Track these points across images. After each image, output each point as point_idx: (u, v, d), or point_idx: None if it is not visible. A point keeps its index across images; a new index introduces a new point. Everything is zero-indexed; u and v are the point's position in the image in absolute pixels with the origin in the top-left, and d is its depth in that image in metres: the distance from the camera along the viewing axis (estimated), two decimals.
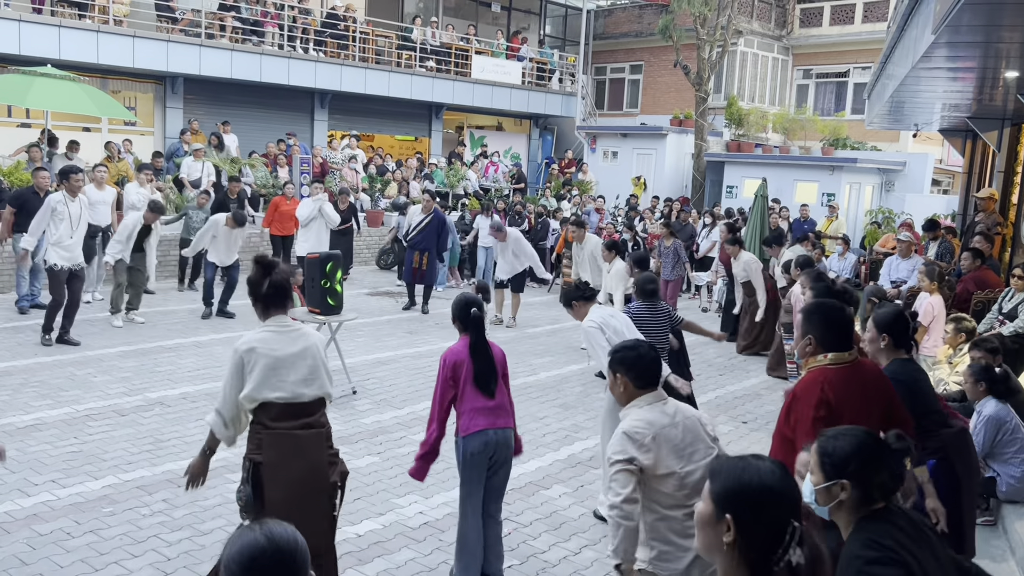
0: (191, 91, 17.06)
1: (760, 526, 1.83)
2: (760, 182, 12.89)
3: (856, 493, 2.29)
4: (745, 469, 1.90)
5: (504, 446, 4.32)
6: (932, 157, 21.11)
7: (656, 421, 3.10)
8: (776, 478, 1.87)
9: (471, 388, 4.27)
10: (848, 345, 3.53)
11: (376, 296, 13.06)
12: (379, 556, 4.72)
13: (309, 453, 3.62)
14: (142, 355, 8.62)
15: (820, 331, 3.51)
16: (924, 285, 8.07)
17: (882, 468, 2.30)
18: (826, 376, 3.44)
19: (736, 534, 1.84)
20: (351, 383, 7.86)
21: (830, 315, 3.55)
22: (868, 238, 17.04)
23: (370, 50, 19.24)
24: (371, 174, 17.66)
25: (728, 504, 1.86)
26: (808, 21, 25.25)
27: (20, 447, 5.95)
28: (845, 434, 2.37)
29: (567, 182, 21.02)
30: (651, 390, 3.20)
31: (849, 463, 2.29)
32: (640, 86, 26.31)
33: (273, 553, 1.68)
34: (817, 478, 2.37)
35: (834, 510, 2.35)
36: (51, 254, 8.70)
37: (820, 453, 2.37)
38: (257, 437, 3.60)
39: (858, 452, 2.30)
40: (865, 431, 2.38)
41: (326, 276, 7.48)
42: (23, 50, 13.80)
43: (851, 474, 2.29)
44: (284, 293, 3.72)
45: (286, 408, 3.60)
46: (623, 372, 3.20)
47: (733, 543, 1.85)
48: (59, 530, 4.78)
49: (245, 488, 3.57)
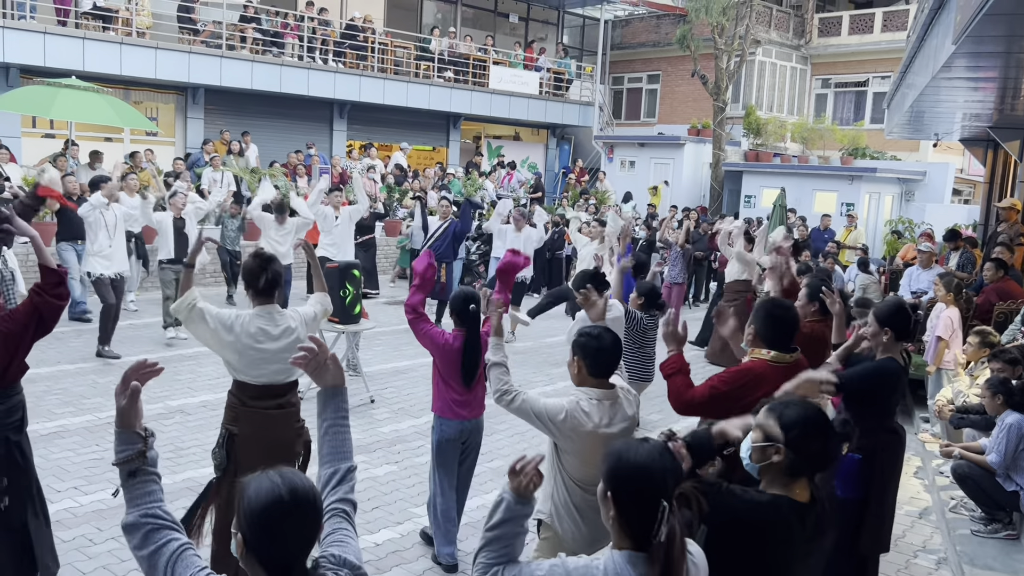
0: (212, 102, 17.25)
1: (635, 504, 2.00)
2: (779, 192, 12.85)
3: (788, 459, 2.37)
4: (627, 450, 2.08)
5: (475, 432, 4.72)
6: (953, 167, 20.96)
7: (595, 419, 3.22)
8: (653, 459, 2.04)
9: (454, 377, 4.55)
10: (788, 346, 3.58)
11: (394, 305, 13.10)
12: (397, 565, 4.74)
13: (279, 430, 4.01)
14: (163, 363, 8.67)
15: (761, 325, 3.60)
16: (940, 296, 8.00)
17: (819, 442, 2.39)
18: (763, 370, 3.50)
19: (615, 510, 2.02)
20: (369, 392, 7.89)
21: (774, 311, 3.63)
22: (888, 248, 16.92)
23: (388, 61, 19.38)
24: (389, 184, 17.76)
25: (611, 482, 2.05)
26: (827, 30, 25.19)
27: (43, 454, 6.01)
28: (796, 404, 2.48)
29: (584, 191, 21.03)
30: (603, 380, 3.31)
31: (791, 429, 2.38)
32: (657, 96, 26.33)
33: (292, 502, 1.79)
34: (757, 436, 2.46)
35: (763, 469, 2.45)
36: (93, 264, 8.81)
37: (767, 412, 2.47)
38: (234, 411, 4.00)
39: (803, 422, 2.39)
40: (816, 407, 2.48)
41: (345, 285, 7.53)
42: (48, 62, 14.02)
43: (790, 440, 2.37)
44: (275, 284, 4.01)
45: (263, 389, 3.97)
46: (581, 356, 3.31)
47: (615, 518, 2.03)
48: (81, 536, 4.83)
49: (220, 452, 4.00)
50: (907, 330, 4.09)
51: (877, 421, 4.01)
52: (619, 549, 2.03)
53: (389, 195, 17.30)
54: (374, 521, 5.27)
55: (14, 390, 3.95)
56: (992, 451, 5.38)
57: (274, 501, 1.78)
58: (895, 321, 4.03)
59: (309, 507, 1.82)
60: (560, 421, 3.21)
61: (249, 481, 1.84)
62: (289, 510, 1.78)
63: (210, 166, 14.60)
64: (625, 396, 3.38)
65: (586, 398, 3.26)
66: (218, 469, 4.03)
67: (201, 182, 14.31)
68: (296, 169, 16.15)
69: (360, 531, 5.09)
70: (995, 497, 5.40)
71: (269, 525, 1.77)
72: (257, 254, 4.00)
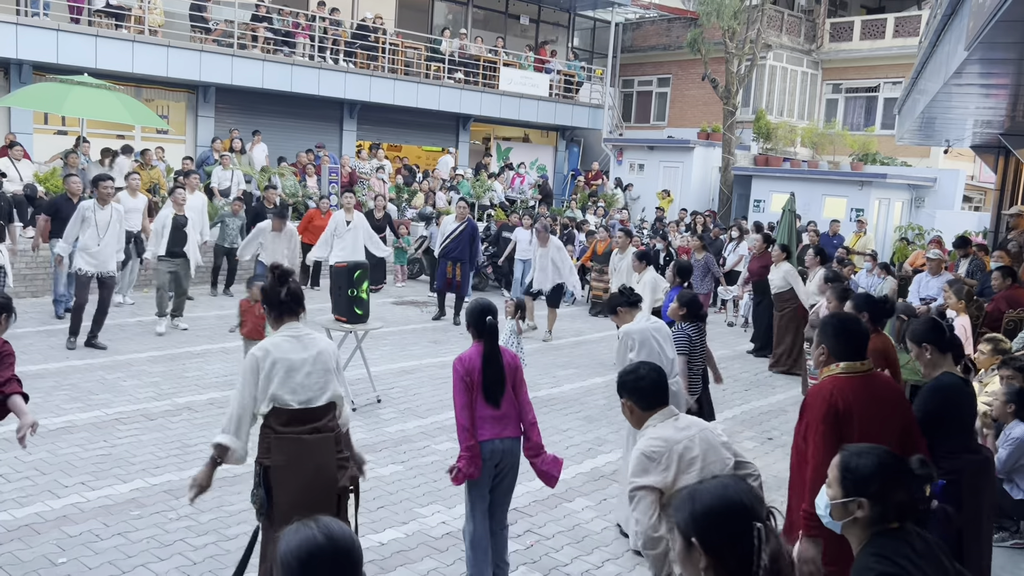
0: (223, 100, 17.30)
1: (726, 540, 1.82)
2: (788, 197, 12.82)
3: (873, 512, 2.28)
4: (695, 492, 1.92)
5: (509, 454, 4.32)
6: (963, 173, 20.88)
7: (671, 438, 3.13)
8: (730, 490, 1.89)
9: (480, 396, 4.29)
10: (861, 355, 3.56)
11: (402, 305, 13.13)
12: (401, 565, 4.74)
13: (317, 456, 3.70)
14: (170, 360, 8.74)
15: (832, 341, 3.59)
16: (951, 303, 7.97)
17: (901, 490, 2.28)
18: (836, 384, 3.48)
19: (708, 558, 1.83)
20: (375, 391, 7.90)
21: (843, 325, 3.63)
22: (897, 255, 16.86)
23: (399, 61, 19.41)
24: (398, 184, 17.80)
25: (691, 529, 1.86)
26: (838, 35, 25.12)
27: (51, 449, 6.05)
28: (868, 452, 2.35)
29: (593, 194, 21.02)
30: (659, 410, 3.24)
31: (870, 483, 2.28)
32: (668, 99, 26.30)
33: (331, 551, 1.71)
34: (835, 492, 2.36)
35: (847, 526, 2.35)
36: (77, 259, 8.86)
37: (841, 468, 2.36)
38: (266, 442, 3.69)
39: (880, 472, 2.29)
40: (887, 451, 2.38)
41: (353, 285, 7.54)
42: (61, 59, 14.09)
43: (871, 493, 2.27)
44: (299, 301, 3.84)
45: (296, 413, 3.67)
46: (627, 396, 3.26)
47: (709, 567, 1.84)
48: (88, 532, 4.85)
49: (259, 492, 3.66)
50: (944, 341, 4.02)
51: (955, 442, 3.91)
52: None
53: (398, 195, 17.34)
54: (379, 521, 5.27)
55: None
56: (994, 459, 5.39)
57: (310, 548, 1.71)
58: (931, 336, 3.99)
59: (346, 552, 1.74)
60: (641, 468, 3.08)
61: (285, 532, 1.77)
62: (328, 555, 1.71)
63: (220, 164, 14.66)
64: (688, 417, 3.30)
65: (650, 428, 3.20)
66: (260, 513, 3.71)
67: (211, 180, 14.38)
68: (305, 168, 16.20)
69: (365, 531, 5.12)
70: (1003, 505, 5.38)
71: (306, 573, 1.70)
72: (274, 268, 3.82)
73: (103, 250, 8.93)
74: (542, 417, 7.66)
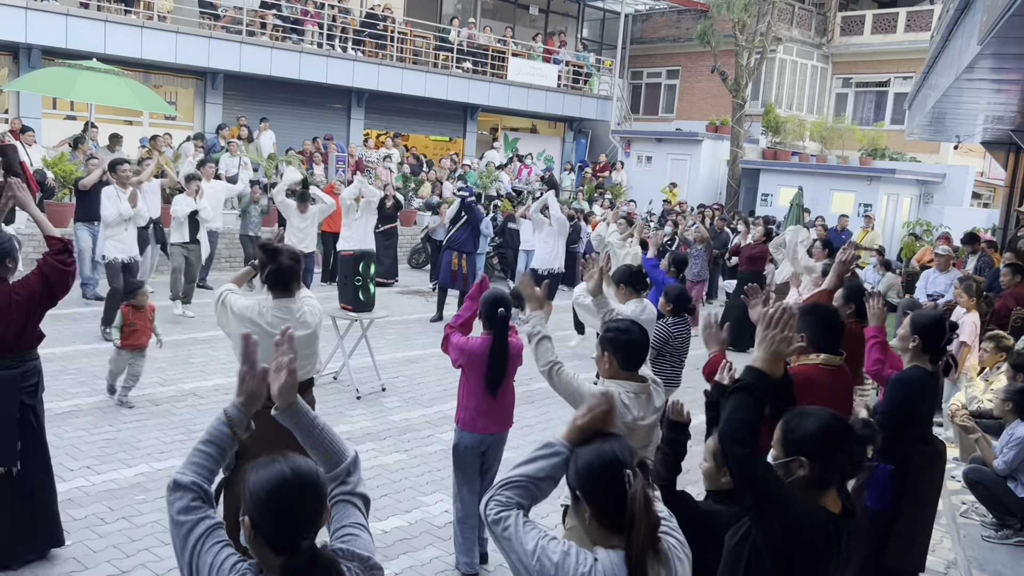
0: (231, 87, 17.30)
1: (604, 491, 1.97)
2: (796, 191, 12.77)
3: (814, 472, 2.30)
4: (578, 454, 2.07)
5: (496, 445, 4.54)
6: (973, 169, 20.77)
7: (633, 412, 3.25)
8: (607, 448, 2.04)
9: (478, 387, 4.36)
10: (837, 349, 3.66)
11: (407, 295, 13.14)
12: (404, 553, 4.75)
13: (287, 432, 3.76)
14: (176, 346, 8.76)
15: (814, 331, 3.65)
16: (962, 301, 7.93)
17: (843, 450, 2.32)
18: (815, 374, 3.57)
19: (591, 508, 2.00)
20: (380, 380, 7.92)
21: (825, 317, 3.72)
22: (905, 250, 16.80)
23: (407, 50, 19.37)
24: (405, 173, 17.78)
25: (576, 485, 2.04)
26: (849, 29, 24.98)
27: (57, 432, 6.07)
28: (811, 414, 2.38)
29: (599, 185, 20.98)
30: (634, 373, 3.32)
31: (810, 441, 2.31)
32: (676, 91, 26.20)
33: (297, 483, 1.83)
34: (777, 452, 2.39)
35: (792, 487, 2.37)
36: (108, 247, 8.86)
37: (784, 429, 2.39)
38: None
39: (821, 431, 2.31)
40: (831, 412, 2.40)
41: (359, 273, 7.55)
42: (69, 44, 14.09)
43: (811, 453, 2.30)
44: (286, 278, 3.86)
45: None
46: (612, 351, 3.31)
47: (594, 516, 2.00)
48: (93, 515, 4.87)
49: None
50: (936, 344, 4.04)
51: (911, 431, 3.95)
52: (612, 548, 1.96)
53: (405, 185, 17.32)
54: (382, 509, 5.29)
55: (30, 355, 4.12)
56: (999, 458, 5.38)
57: (278, 480, 1.83)
58: (929, 332, 4.01)
59: (312, 484, 1.86)
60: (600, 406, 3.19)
61: (253, 466, 1.88)
62: (293, 487, 1.83)
63: (227, 151, 14.66)
64: (654, 387, 3.40)
65: (623, 391, 3.26)
66: (226, 469, 3.77)
67: (218, 167, 14.38)
68: (312, 157, 16.20)
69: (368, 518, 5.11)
70: (1006, 502, 5.38)
71: (274, 502, 1.81)
72: (262, 246, 3.86)
73: (130, 235, 8.99)
74: (544, 409, 7.69)
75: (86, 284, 10.39)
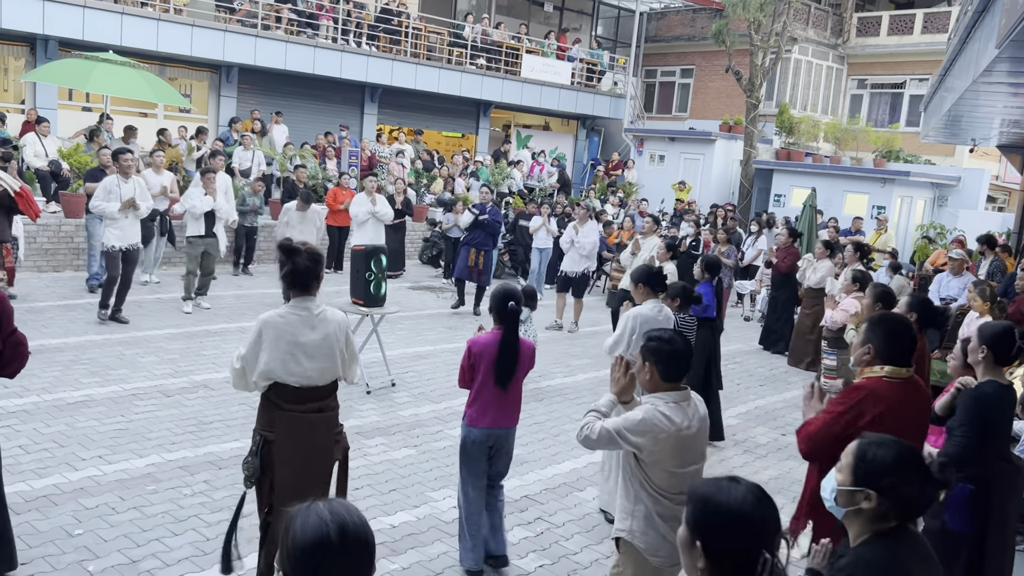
0: (245, 81, 17.35)
1: (729, 555, 1.77)
2: (809, 192, 12.71)
3: (880, 507, 2.17)
4: (717, 493, 1.84)
5: (504, 439, 4.50)
6: (988, 173, 20.62)
7: (676, 421, 3.17)
8: (749, 505, 1.80)
9: (488, 381, 4.37)
10: (907, 361, 3.47)
11: (418, 290, 13.16)
12: (412, 548, 4.77)
13: (318, 435, 3.75)
14: (188, 338, 8.80)
15: (881, 342, 3.47)
16: (976, 305, 7.88)
17: (914, 488, 2.17)
18: (878, 387, 3.40)
19: (706, 562, 1.79)
20: (390, 375, 7.93)
21: (895, 328, 3.51)
22: (918, 253, 16.71)
23: (422, 46, 19.38)
24: (417, 169, 17.80)
25: (699, 530, 1.82)
26: (865, 30, 24.83)
27: (69, 422, 6.12)
28: (888, 444, 2.22)
29: (612, 184, 20.94)
30: (677, 384, 3.26)
31: (884, 476, 2.16)
32: (690, 90, 26.12)
33: (340, 544, 1.61)
34: (844, 478, 2.25)
35: (850, 515, 2.25)
36: (107, 235, 8.93)
37: (857, 456, 2.24)
38: (269, 415, 3.71)
39: (896, 467, 2.16)
40: (909, 447, 2.25)
41: (371, 268, 7.56)
42: (86, 36, 14.16)
43: (882, 487, 2.16)
44: (304, 276, 3.73)
45: (300, 392, 3.69)
46: (654, 362, 3.24)
47: (704, 570, 1.80)
48: (104, 504, 4.91)
49: (254, 460, 3.69)
50: (1008, 354, 3.88)
51: (991, 450, 3.81)
52: None
53: (417, 180, 17.34)
54: (391, 503, 5.30)
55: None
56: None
57: (320, 540, 1.60)
58: (997, 343, 3.87)
59: (359, 547, 1.63)
60: (640, 430, 3.13)
61: (296, 514, 1.66)
62: (337, 550, 1.60)
63: (241, 145, 14.72)
64: (695, 396, 3.32)
65: (662, 403, 3.19)
66: (249, 481, 3.73)
67: (232, 161, 14.44)
68: (325, 151, 16.24)
69: (376, 512, 5.15)
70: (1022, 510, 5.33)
71: (314, 567, 1.60)
72: (281, 246, 3.75)
73: (131, 224, 9.03)
74: (555, 406, 7.69)
75: (92, 279, 10.46)
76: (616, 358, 3.43)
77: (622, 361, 3.41)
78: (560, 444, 6.77)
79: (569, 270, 11.31)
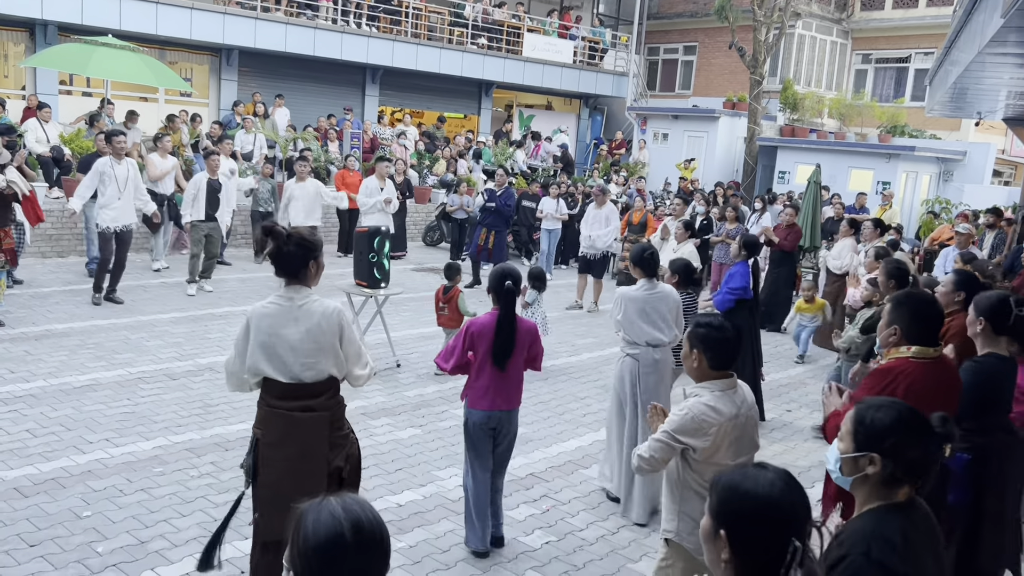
0: (246, 63, 17.28)
1: (756, 544, 1.69)
2: (814, 168, 12.64)
3: (885, 470, 2.12)
4: (743, 481, 1.76)
5: (506, 422, 4.46)
6: (994, 147, 20.47)
7: (725, 412, 3.10)
8: (777, 490, 1.72)
9: (487, 363, 4.34)
10: (934, 340, 3.39)
11: (422, 272, 13.15)
12: (419, 526, 4.79)
13: (306, 436, 3.51)
14: (193, 322, 8.82)
15: (907, 322, 3.38)
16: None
17: (918, 447, 2.13)
18: (905, 368, 3.33)
19: (731, 552, 1.71)
20: (395, 356, 7.95)
21: (919, 307, 3.42)
22: (923, 229, 16.64)
23: (422, 26, 19.26)
24: (420, 150, 17.74)
25: (723, 519, 1.74)
26: (870, 4, 24.57)
27: (76, 406, 6.15)
28: (886, 406, 2.20)
29: (615, 163, 20.84)
30: (725, 372, 3.18)
31: (885, 437, 2.13)
32: (693, 67, 25.92)
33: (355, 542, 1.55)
34: (846, 446, 2.21)
35: (857, 483, 2.20)
36: (101, 216, 8.94)
37: (855, 421, 2.20)
38: (261, 411, 3.60)
39: (897, 427, 2.13)
40: (907, 406, 2.21)
41: (374, 250, 7.56)
42: (85, 20, 14.10)
43: (884, 449, 2.12)
44: (288, 263, 3.48)
45: (287, 388, 3.50)
46: (702, 350, 3.16)
47: (729, 561, 1.72)
48: (112, 487, 4.94)
49: (248, 460, 3.63)
50: (1005, 324, 3.77)
51: (990, 420, 3.73)
52: None
53: (419, 162, 17.28)
54: (397, 483, 5.33)
55: None
56: None
57: (333, 539, 1.53)
58: (994, 313, 3.76)
59: (374, 546, 1.57)
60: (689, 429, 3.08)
61: (306, 511, 1.58)
62: (351, 550, 1.53)
63: (243, 128, 14.67)
64: (742, 384, 3.25)
65: (709, 393, 3.13)
66: (246, 476, 3.67)
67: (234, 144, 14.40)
68: (327, 133, 16.18)
69: (383, 492, 5.17)
70: None
71: (326, 566, 1.53)
72: (263, 227, 3.50)
73: (124, 204, 9.02)
74: (560, 385, 7.71)
75: (93, 261, 10.47)
76: (651, 407, 3.39)
77: (658, 410, 3.36)
78: (565, 423, 6.78)
79: (588, 251, 11.27)
